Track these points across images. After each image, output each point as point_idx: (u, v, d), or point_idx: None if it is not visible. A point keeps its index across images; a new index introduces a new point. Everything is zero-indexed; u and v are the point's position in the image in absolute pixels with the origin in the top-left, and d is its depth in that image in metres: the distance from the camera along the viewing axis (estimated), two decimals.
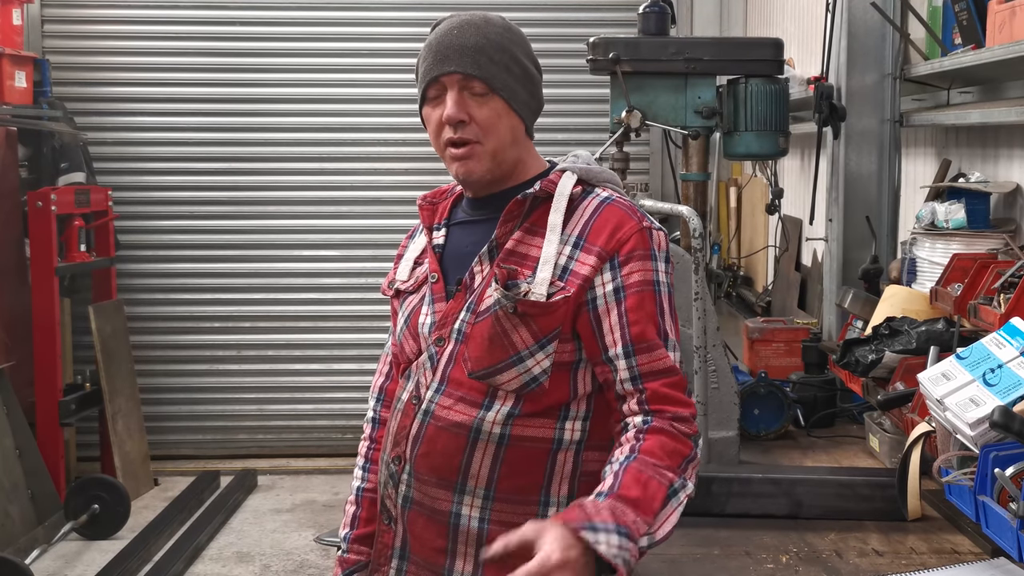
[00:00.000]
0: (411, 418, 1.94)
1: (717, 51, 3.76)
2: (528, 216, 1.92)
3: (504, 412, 1.87)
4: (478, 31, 1.91)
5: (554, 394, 1.88)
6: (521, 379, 1.86)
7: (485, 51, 1.89)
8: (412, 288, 2.03)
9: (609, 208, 1.90)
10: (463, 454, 1.88)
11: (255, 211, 7.32)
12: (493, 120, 1.90)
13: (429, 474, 1.90)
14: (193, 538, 5.69)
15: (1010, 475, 2.00)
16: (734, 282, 6.06)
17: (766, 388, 3.47)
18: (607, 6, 7.25)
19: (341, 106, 7.30)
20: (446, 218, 2.04)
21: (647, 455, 1.78)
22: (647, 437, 1.81)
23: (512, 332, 1.86)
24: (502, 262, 1.89)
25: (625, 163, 3.70)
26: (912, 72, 3.87)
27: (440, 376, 1.92)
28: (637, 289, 1.85)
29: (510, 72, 1.91)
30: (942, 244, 3.28)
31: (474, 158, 1.91)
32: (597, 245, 1.86)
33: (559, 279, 1.86)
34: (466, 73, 1.88)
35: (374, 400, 2.17)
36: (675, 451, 1.80)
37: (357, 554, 2.11)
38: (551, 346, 1.86)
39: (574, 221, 1.90)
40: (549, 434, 1.89)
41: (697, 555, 2.46)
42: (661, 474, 1.76)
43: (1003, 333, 2.28)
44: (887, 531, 2.60)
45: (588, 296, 1.86)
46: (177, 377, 7.34)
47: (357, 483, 2.15)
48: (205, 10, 7.24)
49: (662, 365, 1.84)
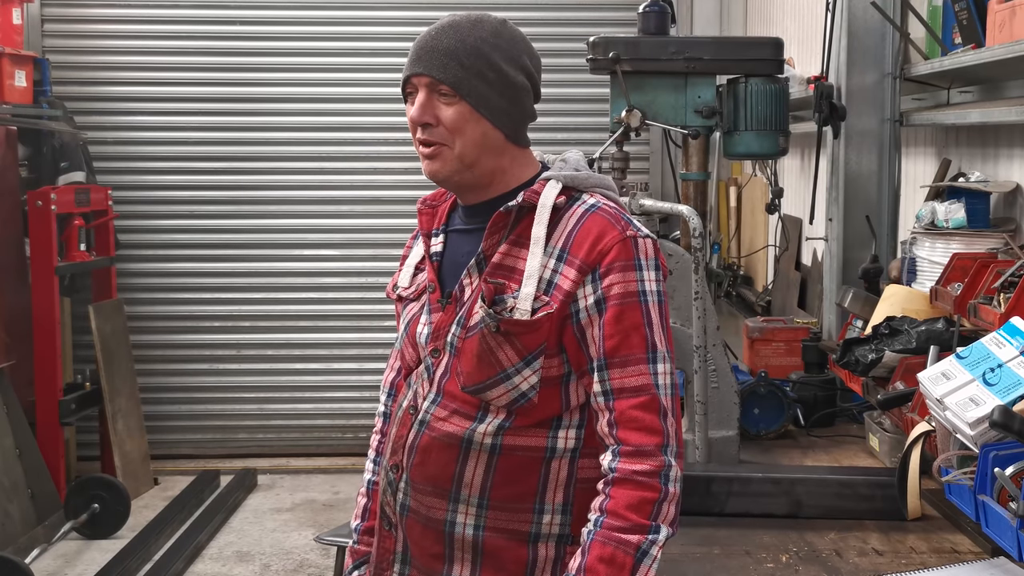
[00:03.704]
0: (408, 428, 1.94)
1: (717, 51, 3.76)
2: (515, 227, 1.89)
3: (495, 424, 1.87)
4: (456, 34, 1.88)
5: (545, 408, 1.87)
6: (510, 395, 1.85)
7: (456, 55, 1.86)
8: (413, 296, 2.02)
9: (592, 217, 1.86)
10: (456, 464, 1.88)
11: (255, 211, 7.32)
12: (459, 124, 1.87)
13: (424, 483, 1.90)
14: (193, 537, 5.70)
15: (1010, 474, 2.00)
16: (734, 281, 6.05)
17: (766, 388, 3.47)
18: (607, 6, 7.25)
19: (341, 106, 7.30)
20: (444, 223, 2.02)
21: (612, 518, 1.77)
22: (612, 492, 1.79)
23: (497, 350, 1.84)
24: (489, 276, 1.87)
25: (625, 163, 3.70)
26: (912, 72, 3.87)
27: (436, 387, 1.92)
28: (616, 302, 1.81)
29: (482, 77, 1.86)
30: (942, 244, 3.28)
31: (439, 158, 1.90)
32: (578, 258, 1.83)
33: (544, 293, 1.83)
34: (432, 76, 1.86)
35: (385, 395, 2.19)
36: (640, 503, 1.77)
37: (368, 545, 2.12)
38: (537, 362, 1.84)
39: (558, 232, 1.86)
40: (542, 443, 1.88)
41: (697, 555, 2.46)
42: (625, 543, 1.76)
43: (1003, 332, 2.28)
44: (887, 530, 2.60)
45: (572, 309, 1.83)
46: (177, 377, 7.35)
47: (368, 475, 2.17)
48: (205, 10, 7.24)
49: (634, 382, 1.80)
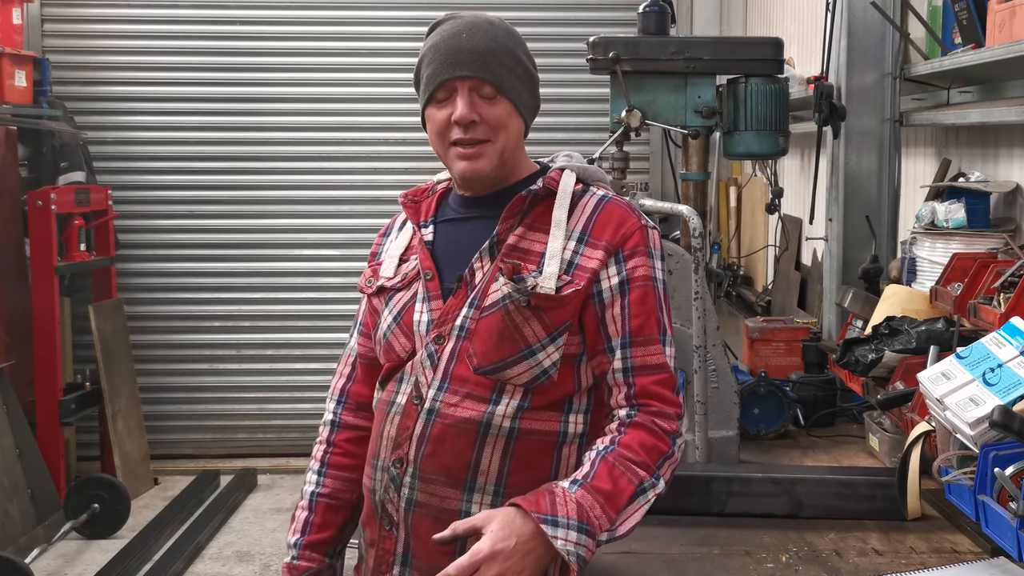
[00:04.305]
0: (414, 419, 1.93)
1: (717, 51, 3.75)
2: (528, 213, 1.95)
3: (513, 406, 1.89)
4: (486, 35, 1.94)
5: (562, 387, 1.92)
6: (532, 372, 1.89)
7: (495, 54, 1.93)
8: (401, 285, 2.01)
9: (609, 206, 1.96)
10: (472, 451, 1.89)
11: (255, 211, 7.32)
12: (503, 120, 1.94)
13: (437, 473, 1.90)
14: (193, 537, 5.70)
15: (1010, 475, 2.00)
16: (734, 281, 6.05)
17: (766, 388, 3.46)
18: (607, 6, 7.25)
19: (341, 106, 7.30)
20: (432, 215, 2.04)
21: (624, 448, 1.83)
22: (628, 431, 1.86)
23: (524, 326, 1.88)
24: (505, 258, 1.92)
25: (625, 162, 3.70)
26: (912, 72, 3.87)
27: (442, 374, 1.92)
28: (641, 283, 1.91)
29: (516, 75, 1.95)
30: (942, 244, 3.28)
31: (484, 157, 1.94)
32: (603, 240, 1.91)
33: (565, 273, 1.90)
34: (479, 77, 1.91)
35: (334, 403, 2.15)
36: (653, 447, 1.85)
37: (308, 560, 2.10)
38: (561, 339, 1.89)
39: (576, 217, 1.94)
40: (555, 427, 1.91)
41: (697, 555, 2.46)
42: (633, 471, 1.81)
43: (1003, 332, 2.28)
44: (887, 530, 2.59)
45: (594, 289, 1.91)
46: (177, 376, 7.35)
47: (311, 487, 2.14)
48: (205, 10, 7.24)
49: (655, 361, 1.90)
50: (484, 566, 1.71)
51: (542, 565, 1.75)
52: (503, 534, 1.72)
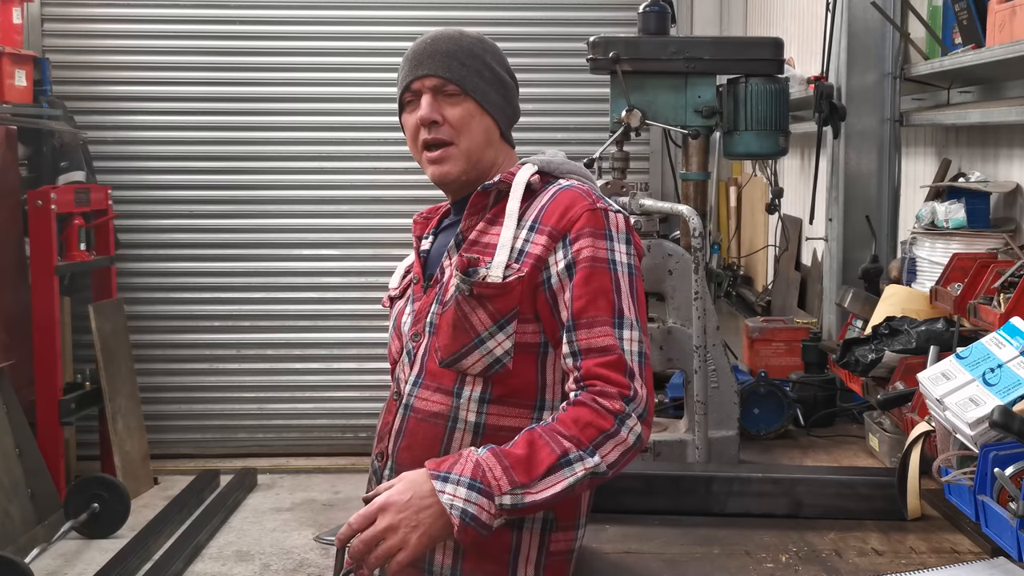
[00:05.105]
0: (393, 414, 2.01)
1: (717, 51, 3.75)
2: (491, 208, 2.00)
3: (476, 397, 1.93)
4: (451, 40, 2.00)
5: (520, 376, 1.93)
6: (484, 361, 1.92)
7: (456, 56, 1.98)
8: (398, 294, 2.13)
9: (564, 192, 1.96)
10: (441, 445, 1.94)
11: (255, 211, 7.32)
12: (466, 120, 1.98)
13: (411, 466, 1.93)
14: (193, 537, 5.70)
15: (1010, 475, 1.99)
16: (734, 281, 6.04)
17: (766, 387, 3.46)
18: (607, 6, 7.25)
19: (341, 106, 7.30)
20: (435, 227, 2.14)
21: (558, 424, 1.83)
22: (568, 409, 1.85)
23: (471, 315, 1.92)
24: (464, 251, 1.97)
25: (625, 162, 3.69)
26: (912, 72, 3.87)
27: (417, 370, 1.99)
28: (586, 265, 1.89)
29: (481, 76, 1.99)
30: (942, 244, 3.28)
31: (449, 160, 1.99)
32: (549, 225, 1.92)
33: (515, 261, 1.92)
34: (438, 76, 1.96)
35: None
36: (589, 424, 1.82)
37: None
38: (510, 327, 1.91)
39: (532, 208, 1.96)
40: (526, 424, 1.92)
41: (697, 555, 2.46)
42: (557, 441, 1.80)
43: (1003, 333, 2.28)
44: (887, 531, 2.59)
45: (543, 276, 1.92)
46: (177, 376, 7.35)
47: None
48: (205, 10, 7.24)
49: (600, 343, 1.87)
50: (380, 516, 1.76)
51: (442, 523, 1.76)
52: (401, 488, 1.78)
